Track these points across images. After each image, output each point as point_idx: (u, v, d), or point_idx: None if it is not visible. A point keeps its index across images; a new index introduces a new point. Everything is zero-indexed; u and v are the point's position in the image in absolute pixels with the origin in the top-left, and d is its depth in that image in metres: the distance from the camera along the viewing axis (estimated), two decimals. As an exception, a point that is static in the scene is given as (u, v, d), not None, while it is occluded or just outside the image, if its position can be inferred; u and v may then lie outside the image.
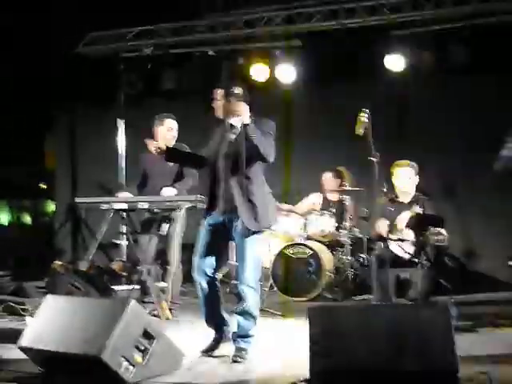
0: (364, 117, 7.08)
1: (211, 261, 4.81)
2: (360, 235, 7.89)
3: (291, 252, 7.66)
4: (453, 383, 3.52)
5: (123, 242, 9.64)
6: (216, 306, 4.90)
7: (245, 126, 4.65)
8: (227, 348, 4.80)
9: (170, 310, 6.11)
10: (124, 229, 9.13)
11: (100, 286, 6.72)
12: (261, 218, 4.71)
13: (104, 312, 4.14)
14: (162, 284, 6.25)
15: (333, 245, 7.90)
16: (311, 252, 7.57)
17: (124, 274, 8.73)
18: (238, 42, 9.10)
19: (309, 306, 3.87)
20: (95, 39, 9.29)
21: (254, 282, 4.70)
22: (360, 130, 7.08)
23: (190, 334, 5.52)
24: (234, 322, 4.82)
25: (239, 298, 4.75)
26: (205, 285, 4.82)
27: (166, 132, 6.43)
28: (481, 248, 8.50)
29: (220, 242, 4.90)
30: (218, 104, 4.94)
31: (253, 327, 4.76)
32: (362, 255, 7.78)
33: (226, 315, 4.94)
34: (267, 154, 4.66)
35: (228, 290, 7.95)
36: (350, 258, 7.69)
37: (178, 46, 9.27)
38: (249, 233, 4.68)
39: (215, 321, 4.93)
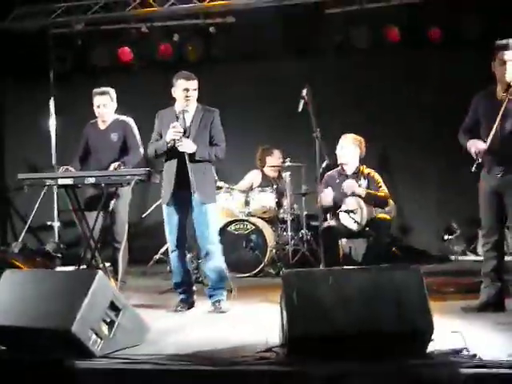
0: (304, 93, 7.18)
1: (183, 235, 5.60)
2: (299, 211, 7.98)
3: (233, 228, 7.66)
4: (428, 342, 3.62)
5: (55, 223, 9.48)
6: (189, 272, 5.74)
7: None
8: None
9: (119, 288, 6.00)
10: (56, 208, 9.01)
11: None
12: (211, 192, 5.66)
13: (70, 284, 4.04)
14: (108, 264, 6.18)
15: (273, 221, 7.94)
16: (253, 228, 7.60)
17: (58, 255, 8.56)
18: (171, 18, 9.00)
19: (283, 272, 3.90)
20: (24, 14, 8.96)
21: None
22: (299, 106, 7.19)
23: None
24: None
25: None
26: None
27: None
28: (414, 222, 8.73)
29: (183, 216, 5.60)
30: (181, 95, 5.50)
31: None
32: (302, 231, 7.86)
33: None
34: (221, 155, 5.55)
35: (169, 268, 7.90)
36: (290, 233, 7.75)
37: (110, 22, 9.08)
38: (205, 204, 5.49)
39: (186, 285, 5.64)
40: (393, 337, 3.59)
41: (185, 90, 5.53)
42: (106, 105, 6.34)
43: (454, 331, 3.78)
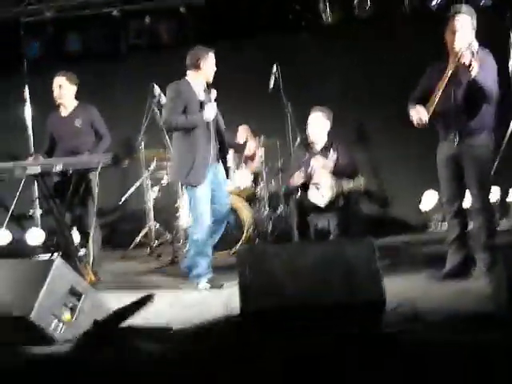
0: (274, 69, 7.23)
1: None
2: (276, 188, 8.00)
3: (209, 208, 7.66)
4: (380, 313, 3.66)
5: (37, 212, 9.48)
6: None
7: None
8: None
9: (94, 273, 6.03)
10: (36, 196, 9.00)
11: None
12: None
13: (29, 272, 4.10)
14: (83, 250, 6.22)
15: (250, 199, 7.95)
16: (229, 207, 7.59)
17: (38, 243, 8.60)
18: (142, 1, 8.96)
19: (238, 249, 3.94)
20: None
21: None
22: (271, 83, 7.25)
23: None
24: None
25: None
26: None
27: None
28: (392, 193, 8.73)
29: None
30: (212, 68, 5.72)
31: None
32: (279, 207, 7.88)
33: None
34: None
35: (148, 251, 7.98)
36: (267, 210, 7.78)
37: (80, 8, 9.03)
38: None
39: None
40: (345, 308, 3.64)
41: (213, 64, 5.74)
42: (61, 86, 6.34)
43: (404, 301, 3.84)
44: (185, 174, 5.60)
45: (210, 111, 5.58)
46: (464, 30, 4.79)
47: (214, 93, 5.70)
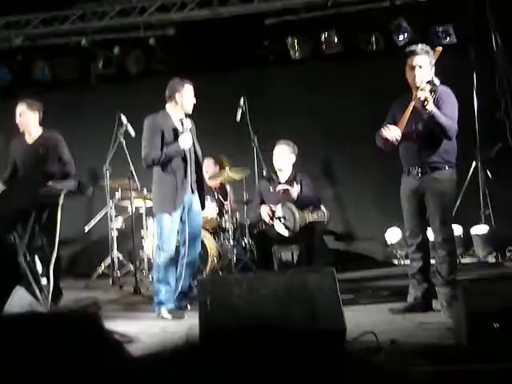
0: (241, 102, 7.29)
1: None
2: (241, 220, 7.98)
3: (174, 239, 7.62)
4: (341, 342, 3.66)
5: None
6: None
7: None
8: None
9: (55, 303, 5.95)
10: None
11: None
12: None
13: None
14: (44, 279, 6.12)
15: (215, 230, 7.92)
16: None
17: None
18: (111, 31, 8.98)
19: (198, 279, 3.92)
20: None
21: None
22: (238, 115, 7.30)
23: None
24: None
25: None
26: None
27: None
28: (358, 228, 8.78)
29: None
30: (189, 99, 5.63)
31: None
32: (244, 240, 7.86)
33: None
34: None
35: (111, 281, 7.89)
36: (232, 242, 7.75)
37: (49, 37, 9.04)
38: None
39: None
40: (305, 336, 3.62)
41: (191, 96, 5.69)
42: (22, 113, 6.28)
43: (366, 331, 3.83)
44: (164, 203, 5.61)
45: (185, 141, 5.56)
46: (422, 68, 4.88)
47: (188, 122, 5.67)
